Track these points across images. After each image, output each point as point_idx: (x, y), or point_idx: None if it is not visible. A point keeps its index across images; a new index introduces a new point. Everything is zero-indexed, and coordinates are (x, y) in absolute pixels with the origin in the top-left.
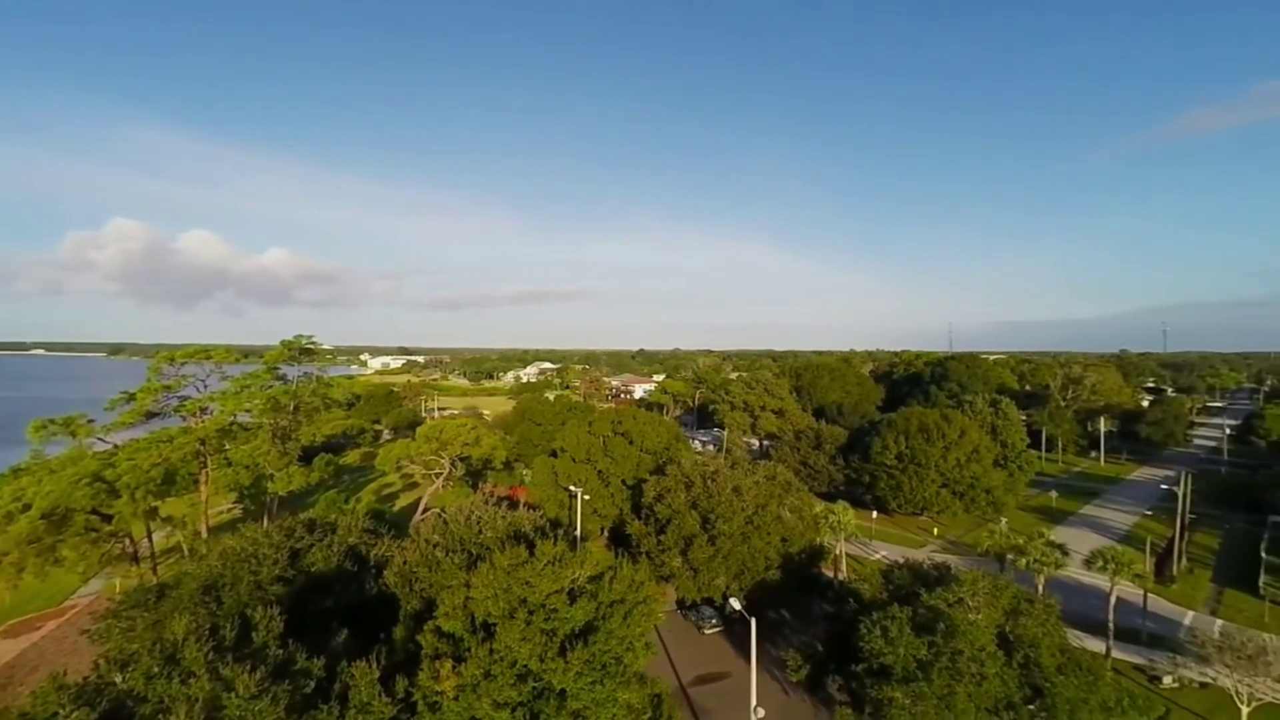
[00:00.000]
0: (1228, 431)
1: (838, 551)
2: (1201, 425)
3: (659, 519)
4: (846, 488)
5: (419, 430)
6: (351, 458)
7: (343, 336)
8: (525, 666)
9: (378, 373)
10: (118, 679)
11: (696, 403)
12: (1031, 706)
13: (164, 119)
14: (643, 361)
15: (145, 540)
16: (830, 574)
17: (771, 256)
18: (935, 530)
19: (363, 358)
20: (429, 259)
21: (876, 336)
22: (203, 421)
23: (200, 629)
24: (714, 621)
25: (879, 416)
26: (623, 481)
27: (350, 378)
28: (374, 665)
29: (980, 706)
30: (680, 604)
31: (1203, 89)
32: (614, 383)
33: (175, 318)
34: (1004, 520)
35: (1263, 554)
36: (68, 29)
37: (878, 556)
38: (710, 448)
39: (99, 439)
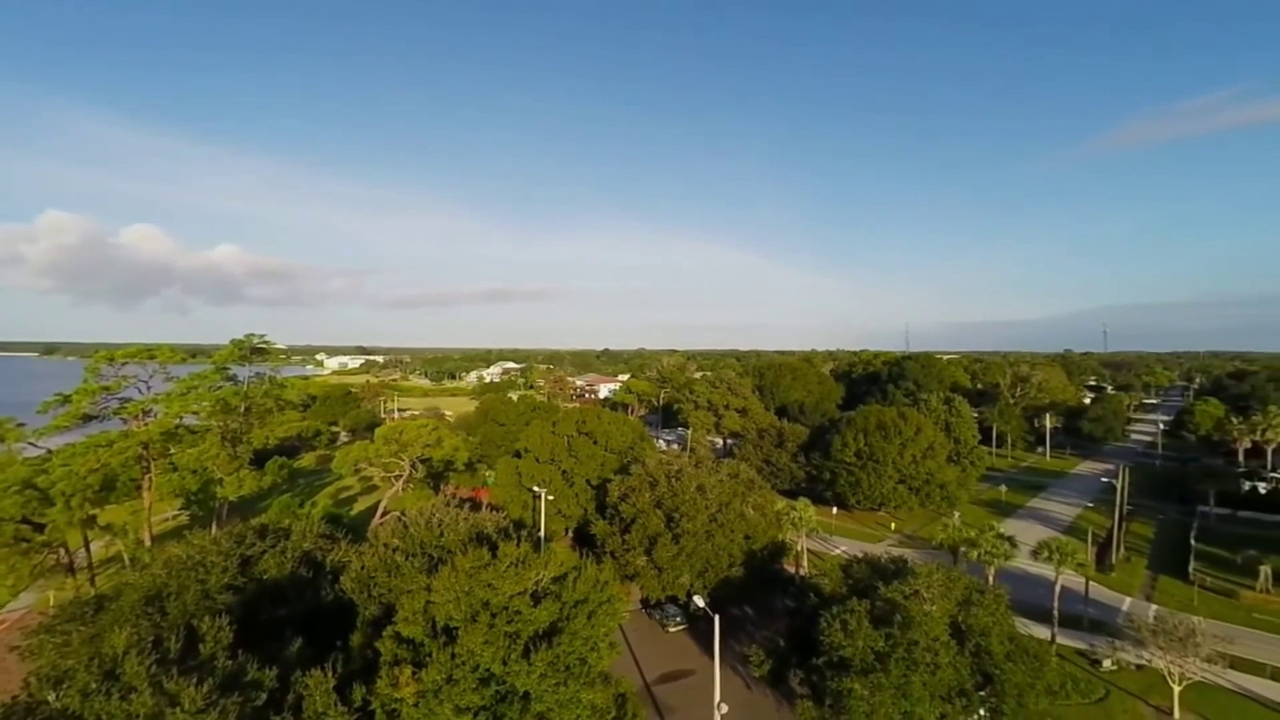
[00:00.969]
0: (1161, 427)
1: (799, 547)
2: (1138, 421)
3: (623, 518)
4: (808, 485)
5: (378, 432)
6: (307, 461)
7: (298, 336)
8: (488, 670)
9: (335, 373)
10: (51, 697)
11: (661, 402)
12: (982, 693)
13: (104, 108)
14: (608, 361)
15: (82, 550)
16: (792, 570)
17: (735, 257)
18: (893, 525)
19: (319, 357)
20: (390, 256)
21: (837, 336)
22: (145, 424)
23: (142, 642)
24: (678, 619)
25: (839, 415)
26: (587, 481)
27: (306, 378)
28: (330, 674)
29: (934, 695)
30: (645, 603)
31: (1137, 104)
32: (579, 382)
33: (115, 316)
34: (957, 514)
35: (1192, 542)
36: None
37: (838, 551)
38: (675, 447)
39: (30, 444)
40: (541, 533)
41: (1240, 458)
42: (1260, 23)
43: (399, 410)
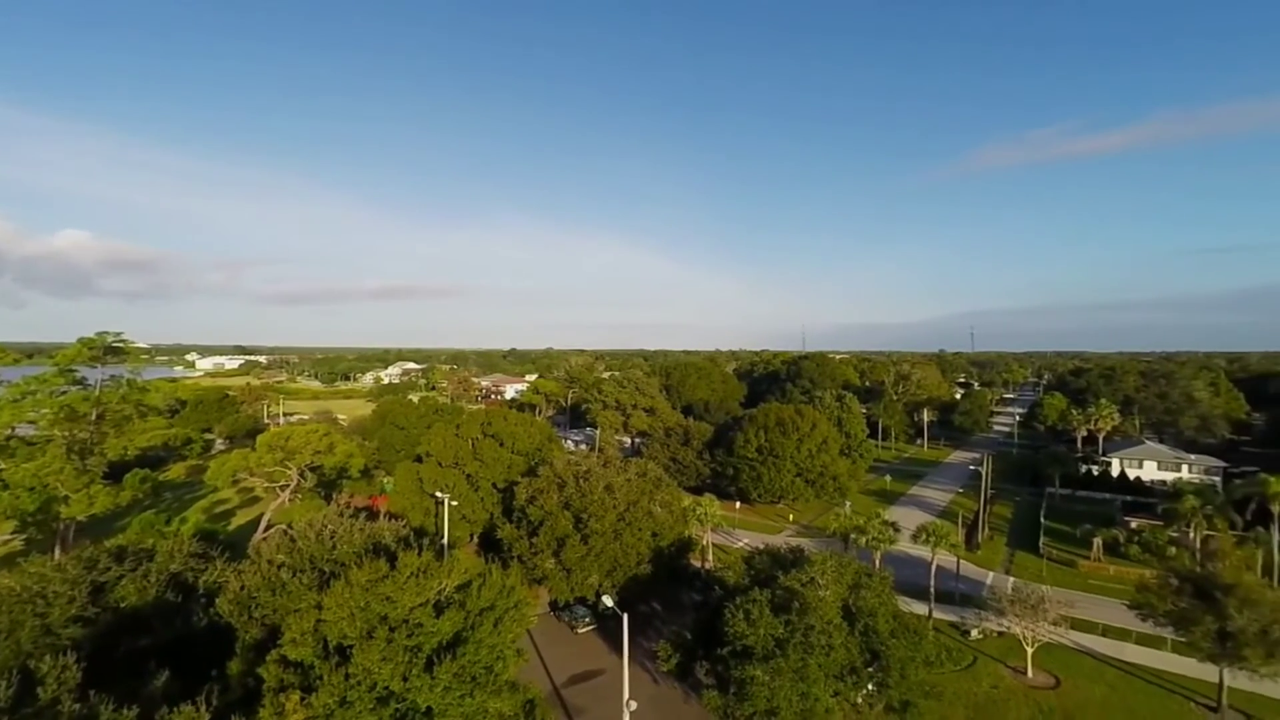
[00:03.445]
0: (1017, 419)
1: (705, 542)
2: (999, 414)
3: (531, 521)
4: (713, 480)
5: (260, 438)
6: (175, 472)
7: (165, 333)
8: (386, 688)
9: (209, 374)
10: None
11: (569, 402)
12: (870, 669)
13: None
14: (514, 361)
15: None
16: (698, 564)
17: (643, 258)
18: (791, 516)
19: (190, 357)
20: (273, 247)
21: (739, 337)
22: None
23: None
24: (587, 620)
25: (741, 413)
26: (493, 485)
27: (174, 380)
28: (203, 707)
29: (829, 674)
30: (553, 605)
31: (994, 130)
32: (484, 383)
33: None
34: (848, 504)
35: (1042, 520)
36: None
37: (741, 544)
38: (583, 447)
39: None
40: (445, 540)
41: (1079, 444)
42: (1094, 66)
43: (285, 415)
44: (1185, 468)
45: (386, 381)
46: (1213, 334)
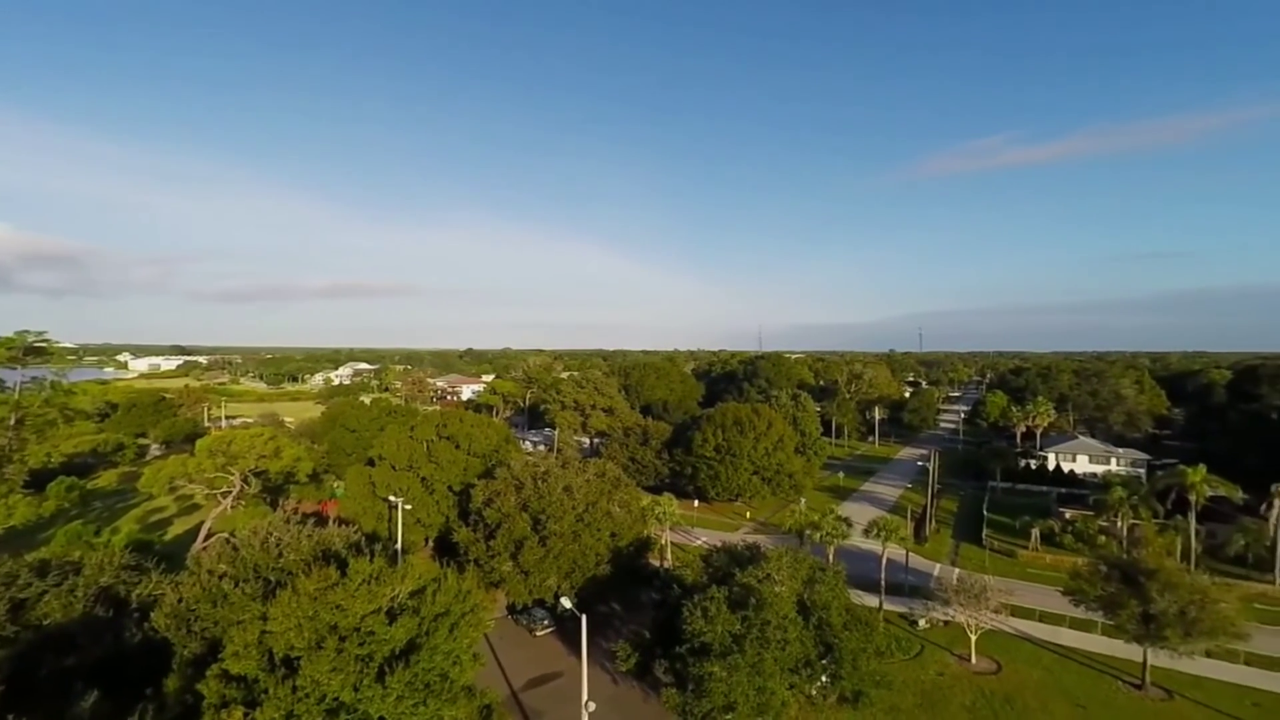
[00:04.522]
0: (962, 416)
1: (663, 541)
2: (946, 411)
3: (488, 524)
4: (671, 480)
5: (200, 443)
6: (106, 480)
7: (94, 332)
8: (337, 700)
9: (143, 375)
10: None
11: (527, 403)
12: (824, 661)
13: None
14: (471, 361)
15: None
16: (657, 563)
17: (600, 258)
18: (748, 514)
19: (122, 358)
20: (211, 243)
21: (697, 337)
22: None
23: None
24: (546, 622)
25: (700, 412)
26: (449, 488)
27: (103, 382)
28: None
29: (784, 668)
30: (511, 608)
31: (940, 139)
32: (439, 384)
33: None
34: (803, 500)
35: (984, 512)
36: None
37: (699, 543)
38: (541, 448)
39: None
40: (398, 545)
41: (1019, 440)
42: (1033, 80)
43: (228, 418)
44: (1114, 461)
45: (337, 383)
46: (1138, 335)
